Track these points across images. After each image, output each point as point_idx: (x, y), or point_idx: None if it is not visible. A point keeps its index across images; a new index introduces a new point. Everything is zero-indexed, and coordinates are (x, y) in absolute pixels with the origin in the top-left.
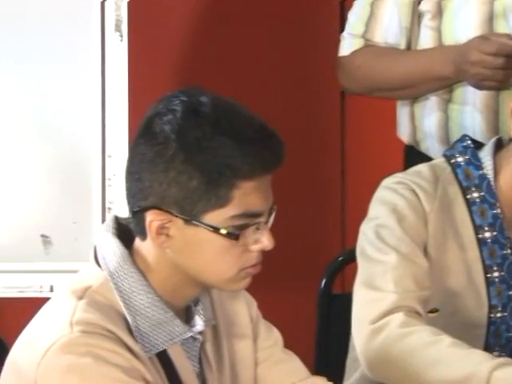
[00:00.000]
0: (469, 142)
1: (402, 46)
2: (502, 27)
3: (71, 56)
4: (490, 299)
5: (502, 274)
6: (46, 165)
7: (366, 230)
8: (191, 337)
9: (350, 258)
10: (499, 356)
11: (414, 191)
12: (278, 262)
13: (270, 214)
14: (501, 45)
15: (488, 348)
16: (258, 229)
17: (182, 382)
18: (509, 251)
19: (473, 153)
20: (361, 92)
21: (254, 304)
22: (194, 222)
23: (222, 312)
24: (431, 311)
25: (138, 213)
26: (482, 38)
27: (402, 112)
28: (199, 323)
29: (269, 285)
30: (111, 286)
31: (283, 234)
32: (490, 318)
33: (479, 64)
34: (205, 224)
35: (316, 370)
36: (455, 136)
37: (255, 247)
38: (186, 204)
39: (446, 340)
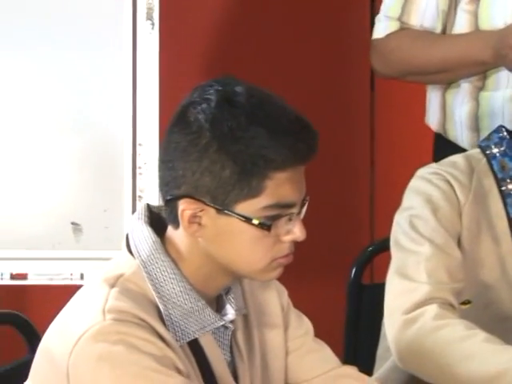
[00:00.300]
0: (505, 133)
1: (438, 29)
2: None
3: (103, 44)
4: None
5: None
6: (78, 153)
7: (399, 220)
8: (222, 326)
9: (380, 249)
10: None
11: (448, 182)
12: (309, 252)
13: (302, 206)
14: None
15: None
16: (290, 220)
17: (213, 371)
18: None
19: (509, 144)
20: (394, 75)
21: (285, 293)
22: (226, 211)
23: (253, 301)
24: (464, 303)
25: (170, 201)
26: None
27: (433, 99)
28: (230, 312)
29: (299, 275)
30: (143, 275)
31: (313, 224)
32: None
33: None
34: (237, 214)
35: (345, 359)
36: (484, 123)
37: (287, 238)
38: (219, 193)
39: (481, 335)
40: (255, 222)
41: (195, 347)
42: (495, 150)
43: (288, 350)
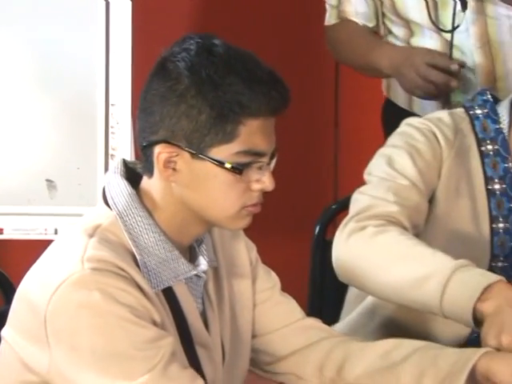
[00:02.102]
0: (489, 96)
1: (371, 15)
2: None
3: (76, 5)
4: (493, 249)
5: (507, 225)
6: (52, 112)
7: (379, 156)
8: (195, 276)
9: (343, 207)
10: None
11: (435, 134)
12: (276, 210)
13: (272, 158)
14: (441, 60)
15: None
16: (260, 169)
17: (186, 318)
18: None
19: (492, 107)
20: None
21: (254, 248)
22: (200, 155)
23: (224, 254)
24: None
25: (147, 147)
26: (429, 51)
27: None
28: (203, 263)
29: (267, 232)
30: (120, 225)
31: (280, 183)
32: (491, 266)
33: (416, 71)
34: (211, 158)
35: (310, 312)
36: None
37: (257, 186)
38: (194, 138)
39: (414, 240)
40: (228, 165)
41: (169, 295)
42: (478, 112)
43: (256, 302)
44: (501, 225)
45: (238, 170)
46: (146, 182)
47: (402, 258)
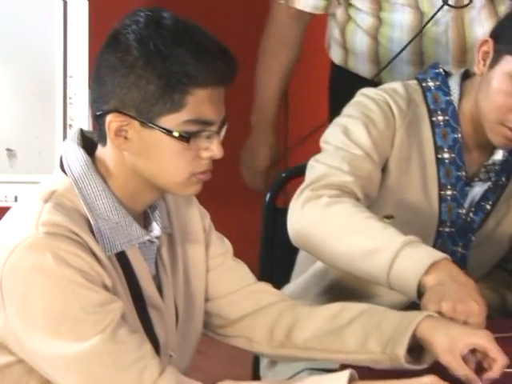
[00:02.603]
0: (441, 69)
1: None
2: None
3: None
4: (440, 215)
5: (455, 193)
6: (12, 84)
7: (335, 126)
8: (149, 241)
9: (293, 175)
10: None
11: (388, 104)
12: (227, 178)
13: (221, 127)
14: None
15: None
16: (209, 137)
17: (139, 282)
18: (463, 173)
19: (443, 80)
20: None
21: (207, 216)
22: (149, 124)
23: (178, 221)
24: (387, 217)
25: (100, 116)
26: None
27: (333, 36)
28: (156, 229)
29: (219, 199)
30: (75, 191)
31: (232, 152)
32: (438, 231)
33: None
34: (159, 127)
35: (261, 276)
36: (384, 57)
37: (206, 154)
38: (144, 107)
39: (366, 212)
40: (175, 134)
41: (122, 260)
42: (431, 84)
43: (209, 267)
44: (449, 192)
45: (185, 138)
46: (100, 150)
47: (353, 229)
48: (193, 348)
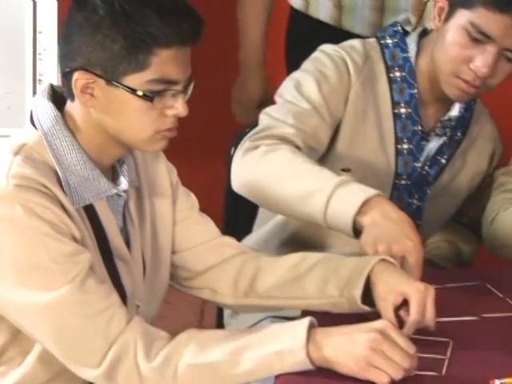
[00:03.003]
0: (399, 27)
1: None
2: None
3: None
4: (397, 168)
5: (411, 147)
6: None
7: (289, 80)
8: (116, 194)
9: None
10: None
11: (344, 60)
12: (193, 135)
13: (187, 86)
14: None
15: None
16: (174, 96)
17: (106, 234)
18: (419, 127)
19: (401, 37)
20: None
21: (174, 171)
22: (114, 83)
23: (145, 175)
24: (344, 170)
25: (67, 74)
26: None
27: None
28: (123, 182)
29: (184, 155)
30: (45, 145)
31: (197, 109)
32: (394, 184)
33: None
34: (124, 85)
35: (225, 229)
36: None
37: (170, 112)
38: (109, 66)
39: (303, 157)
40: (139, 93)
41: (90, 212)
42: (389, 41)
43: (175, 220)
44: (405, 146)
45: (149, 97)
46: (69, 105)
47: (291, 174)
48: (160, 299)
